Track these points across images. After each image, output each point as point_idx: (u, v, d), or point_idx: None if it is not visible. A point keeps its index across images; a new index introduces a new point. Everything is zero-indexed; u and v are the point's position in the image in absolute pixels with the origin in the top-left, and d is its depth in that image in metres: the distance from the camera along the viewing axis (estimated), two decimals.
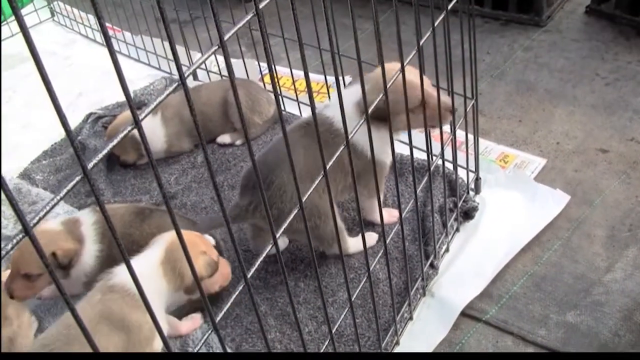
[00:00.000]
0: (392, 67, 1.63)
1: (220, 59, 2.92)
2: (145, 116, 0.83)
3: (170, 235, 1.72)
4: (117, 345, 1.56)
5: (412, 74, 1.72)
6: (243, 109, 2.64)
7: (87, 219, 2.01)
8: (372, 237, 2.11)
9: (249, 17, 0.98)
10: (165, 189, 2.48)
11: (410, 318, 1.89)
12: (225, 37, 0.91)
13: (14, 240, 0.71)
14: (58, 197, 0.75)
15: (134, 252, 1.71)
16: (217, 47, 0.92)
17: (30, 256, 1.80)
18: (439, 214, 2.08)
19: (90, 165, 0.76)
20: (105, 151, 0.79)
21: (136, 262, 1.63)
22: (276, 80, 2.81)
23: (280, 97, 2.82)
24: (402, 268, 1.99)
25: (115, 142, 0.80)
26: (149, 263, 1.67)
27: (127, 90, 0.78)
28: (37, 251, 0.70)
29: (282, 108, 2.82)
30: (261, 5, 0.97)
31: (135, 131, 2.54)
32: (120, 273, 1.65)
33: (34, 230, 0.70)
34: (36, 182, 2.70)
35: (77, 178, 0.76)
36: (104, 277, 1.67)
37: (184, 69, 0.84)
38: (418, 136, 2.20)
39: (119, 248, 0.82)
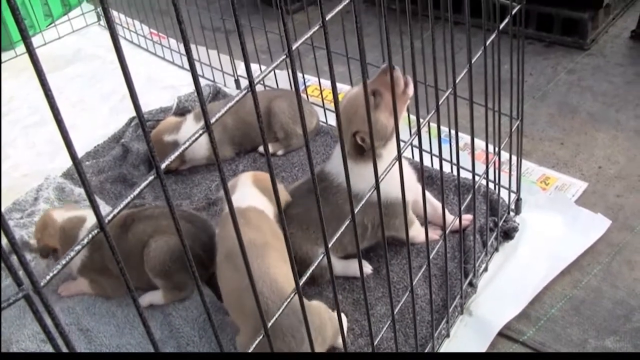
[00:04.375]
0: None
1: (263, 67, 2.97)
2: (217, 120, 0.85)
3: (248, 173, 2.03)
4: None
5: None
6: (285, 119, 2.68)
7: (90, 222, 2.06)
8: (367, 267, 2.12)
9: (315, 28, 1.00)
10: (206, 196, 2.51)
11: (447, 335, 1.89)
12: (294, 47, 0.93)
13: (90, 235, 0.73)
14: (132, 196, 0.77)
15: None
16: (285, 56, 0.94)
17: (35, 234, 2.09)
18: (479, 233, 2.08)
19: (163, 166, 0.78)
20: (178, 152, 0.81)
21: (240, 193, 1.91)
22: (320, 92, 2.82)
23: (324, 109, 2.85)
24: (440, 285, 1.99)
25: (188, 144, 0.82)
26: (249, 190, 1.93)
27: (204, 104, 0.80)
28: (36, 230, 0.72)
29: (324, 120, 2.84)
30: (328, 17, 0.99)
31: (179, 138, 2.55)
32: (247, 201, 1.89)
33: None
34: (79, 182, 2.75)
35: (151, 178, 0.79)
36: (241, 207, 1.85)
37: (229, 77, 0.87)
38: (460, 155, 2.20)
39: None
